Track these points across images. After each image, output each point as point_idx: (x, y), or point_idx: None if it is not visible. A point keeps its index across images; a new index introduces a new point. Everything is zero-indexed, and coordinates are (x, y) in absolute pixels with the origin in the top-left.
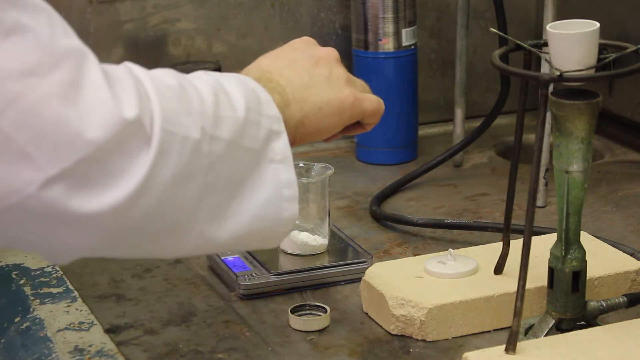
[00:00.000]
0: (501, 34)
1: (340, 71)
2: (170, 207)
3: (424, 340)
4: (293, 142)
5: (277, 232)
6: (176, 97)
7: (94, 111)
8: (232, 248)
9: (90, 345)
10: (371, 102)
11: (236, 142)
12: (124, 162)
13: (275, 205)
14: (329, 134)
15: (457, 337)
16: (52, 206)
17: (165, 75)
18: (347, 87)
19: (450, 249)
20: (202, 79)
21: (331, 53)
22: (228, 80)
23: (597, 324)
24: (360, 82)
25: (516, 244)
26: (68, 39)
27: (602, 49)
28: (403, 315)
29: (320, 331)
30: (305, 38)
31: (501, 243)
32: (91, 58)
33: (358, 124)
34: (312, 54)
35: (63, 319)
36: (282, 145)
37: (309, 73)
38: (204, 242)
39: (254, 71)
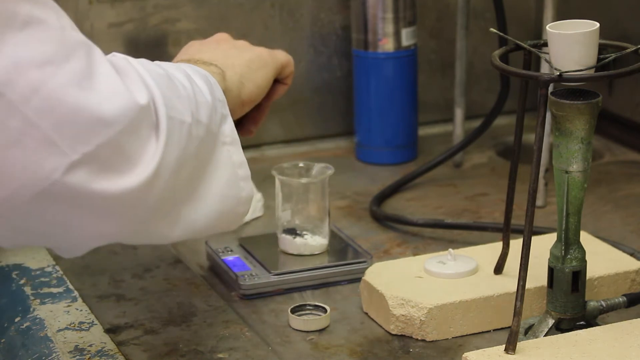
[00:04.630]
0: (501, 34)
1: (241, 41)
2: (173, 189)
3: (423, 340)
4: (242, 105)
5: (239, 212)
6: (167, 84)
7: (110, 98)
8: (207, 231)
9: (90, 345)
10: (282, 53)
11: (209, 126)
12: (137, 147)
13: (234, 185)
14: (266, 88)
15: (457, 337)
16: (77, 190)
17: (152, 65)
18: (256, 47)
19: (450, 249)
20: (173, 66)
21: (222, 35)
22: (188, 68)
23: (597, 324)
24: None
25: (516, 244)
26: (75, 32)
27: (602, 49)
28: (403, 315)
29: (320, 331)
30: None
31: (501, 243)
32: (97, 50)
33: (278, 82)
34: (209, 40)
35: (63, 319)
36: (230, 127)
37: (220, 48)
38: (186, 226)
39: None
